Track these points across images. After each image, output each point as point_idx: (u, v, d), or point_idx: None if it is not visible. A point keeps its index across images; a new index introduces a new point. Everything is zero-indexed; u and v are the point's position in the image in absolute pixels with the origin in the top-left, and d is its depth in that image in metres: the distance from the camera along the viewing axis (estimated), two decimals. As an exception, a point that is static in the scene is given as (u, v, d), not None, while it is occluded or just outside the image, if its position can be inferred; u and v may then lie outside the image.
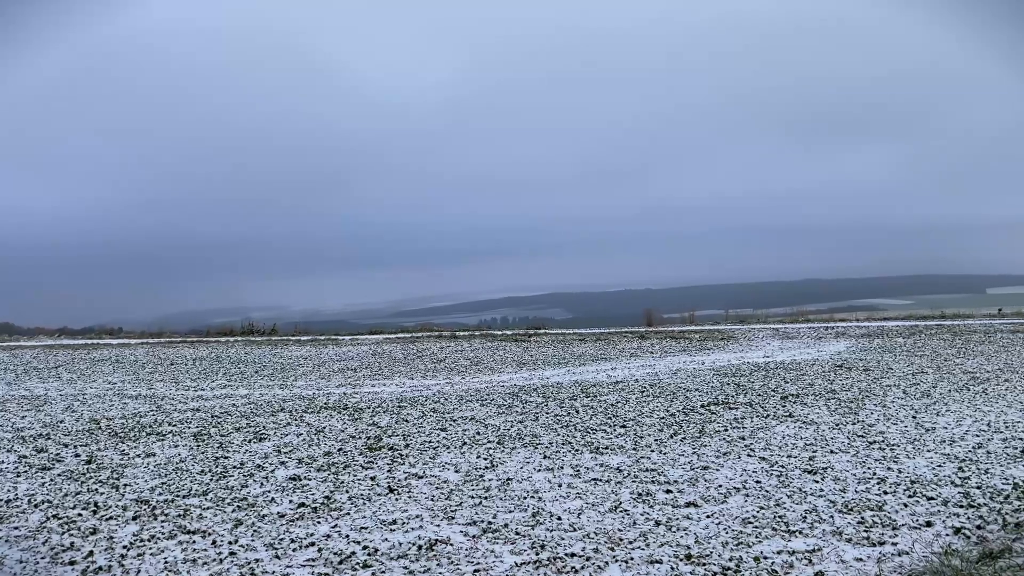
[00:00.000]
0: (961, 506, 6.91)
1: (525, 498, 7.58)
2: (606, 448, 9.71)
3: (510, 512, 7.13)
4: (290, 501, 7.68)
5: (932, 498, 7.16)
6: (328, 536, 6.58)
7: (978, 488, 7.43)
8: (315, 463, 9.31)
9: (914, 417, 11.11)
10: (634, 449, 9.62)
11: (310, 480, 8.49)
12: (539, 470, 8.68)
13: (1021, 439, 9.46)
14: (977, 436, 9.72)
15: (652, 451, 9.50)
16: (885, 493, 7.37)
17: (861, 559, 5.68)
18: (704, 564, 5.71)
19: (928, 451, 9.03)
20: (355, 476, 8.61)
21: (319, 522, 6.97)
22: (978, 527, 6.27)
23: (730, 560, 5.76)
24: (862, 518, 6.62)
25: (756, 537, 6.23)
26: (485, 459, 9.27)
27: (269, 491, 8.06)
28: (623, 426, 11.11)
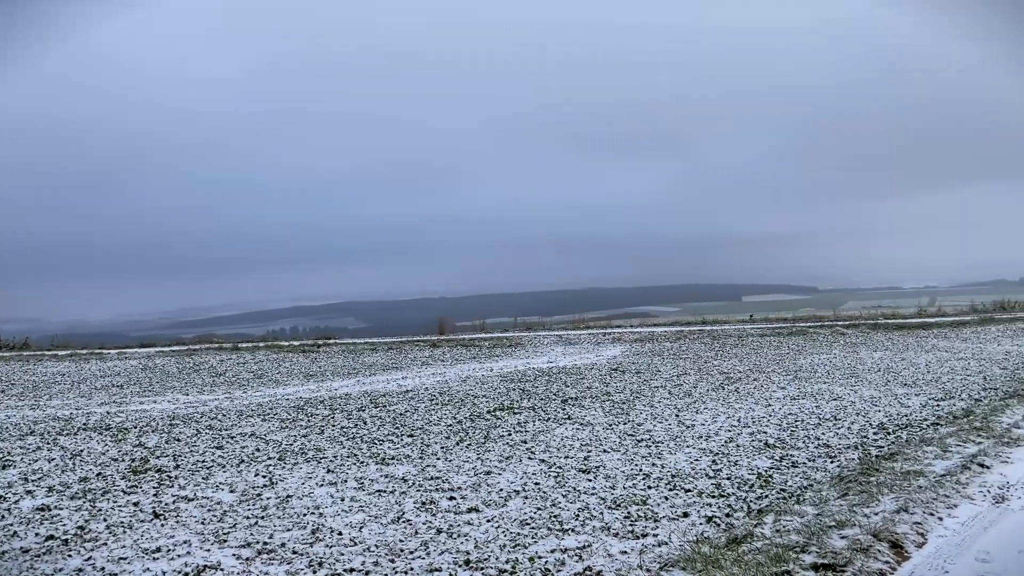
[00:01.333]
0: (713, 496, 7.57)
1: (305, 515, 7.32)
2: (392, 458, 9.64)
3: (288, 531, 6.85)
4: (36, 534, 6.88)
5: (689, 490, 7.80)
6: (80, 570, 5.96)
7: (728, 479, 8.19)
8: (69, 490, 8.41)
9: (677, 415, 12.06)
10: (420, 458, 9.63)
11: (61, 510, 7.66)
12: (322, 485, 8.44)
13: (765, 432, 10.55)
14: (729, 431, 10.72)
15: (438, 459, 9.56)
16: (649, 488, 7.93)
17: (626, 552, 6.06)
18: (482, 568, 5.82)
19: (688, 447, 9.83)
20: (116, 502, 7.89)
21: (70, 555, 6.30)
22: (727, 515, 6.90)
23: (507, 562, 5.92)
24: (628, 513, 7.07)
25: (532, 538, 6.45)
26: (264, 477, 8.85)
27: (11, 524, 7.17)
28: (411, 435, 11.09)
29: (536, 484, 8.18)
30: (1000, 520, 6.06)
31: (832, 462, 8.74)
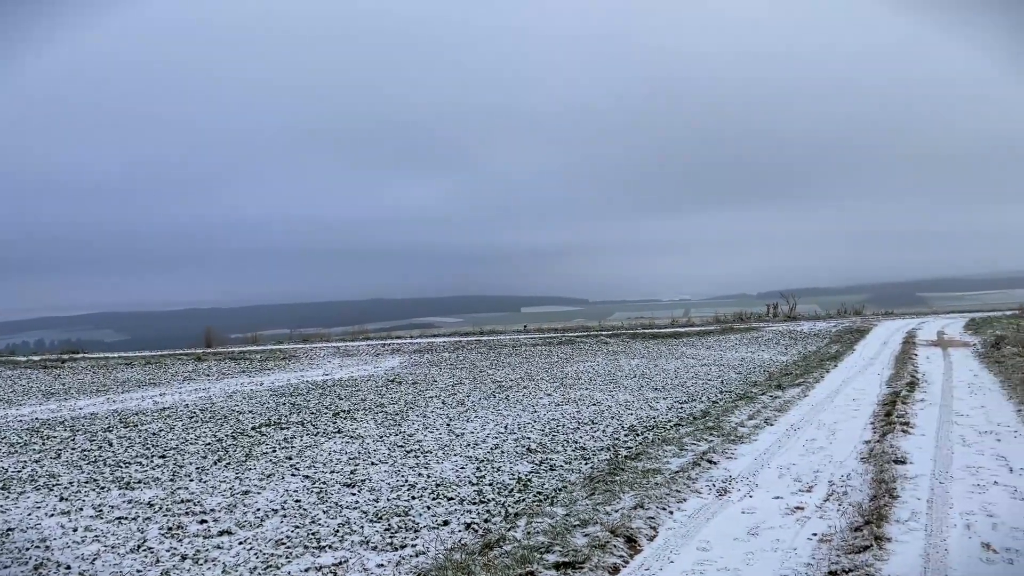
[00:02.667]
0: (474, 503, 7.77)
1: (28, 549, 6.57)
2: (139, 482, 8.92)
3: (6, 568, 6.11)
4: None
5: (452, 498, 7.94)
6: None
7: (490, 485, 8.44)
8: None
9: (448, 424, 12.25)
10: (171, 480, 9.00)
11: None
12: (52, 515, 7.62)
13: (529, 438, 10.99)
14: (496, 438, 11.06)
15: (192, 480, 8.98)
16: (413, 498, 7.97)
17: (383, 564, 6.04)
18: (230, 594, 5.54)
19: (455, 455, 10.01)
20: None
21: None
22: (485, 520, 7.10)
23: (257, 585, 5.68)
24: (389, 525, 7.06)
25: (286, 558, 6.24)
26: (-20, 510, 7.83)
27: None
28: (163, 456, 10.33)
29: (297, 501, 7.93)
30: (721, 511, 6.76)
31: (586, 464, 9.28)
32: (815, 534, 5.99)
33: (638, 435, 10.97)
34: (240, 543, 6.65)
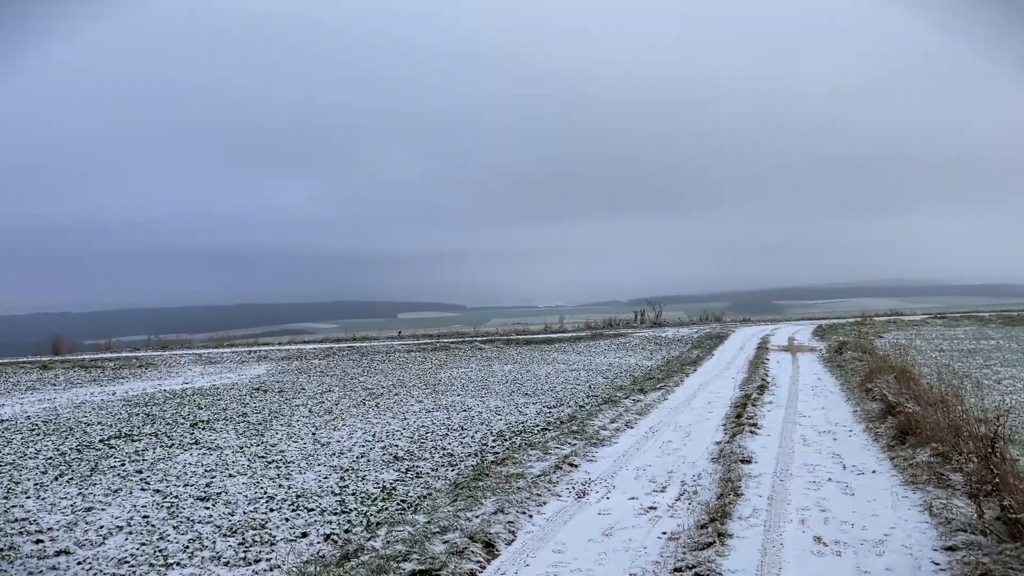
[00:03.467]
0: (336, 513, 7.62)
1: None
2: (-35, 502, 8.21)
3: None
4: None
5: (312, 509, 7.76)
6: None
7: (353, 495, 8.31)
8: None
9: (314, 433, 11.97)
10: (4, 499, 8.34)
11: None
12: None
13: (397, 446, 10.90)
14: (363, 446, 10.90)
15: (28, 498, 8.36)
16: (271, 511, 7.73)
17: (235, 580, 5.83)
18: (63, 619, 5.19)
19: (319, 465, 9.78)
20: None
21: None
22: (346, 531, 6.98)
23: (95, 608, 5.35)
24: (244, 539, 6.82)
25: (130, 577, 5.92)
26: None
27: None
28: (-4, 473, 9.56)
29: (145, 517, 7.53)
30: (579, 513, 6.94)
31: (453, 470, 9.30)
32: (665, 533, 6.25)
33: (506, 440, 11.09)
34: (79, 563, 6.25)
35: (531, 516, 6.81)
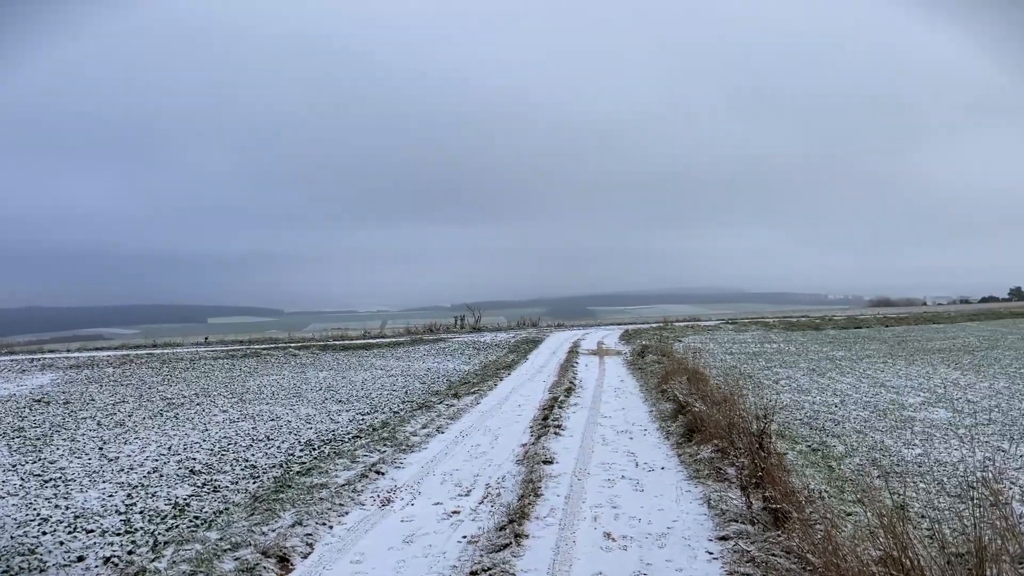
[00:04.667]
0: (119, 533, 7.08)
1: None
2: None
3: None
4: None
5: (92, 530, 7.16)
6: None
7: (141, 513, 7.75)
8: None
9: (101, 448, 11.07)
10: None
11: None
12: None
13: (194, 459, 10.30)
14: (156, 460, 10.21)
15: None
16: (44, 534, 7.06)
17: (-9, 615, 5.26)
18: None
19: (104, 482, 9.06)
20: None
21: None
22: (129, 552, 6.50)
23: None
24: (9, 566, 6.17)
25: None
26: None
27: None
28: None
29: None
30: (381, 521, 6.88)
31: (255, 483, 8.92)
32: (465, 536, 6.34)
33: (314, 449, 10.79)
34: None
35: (331, 527, 6.66)
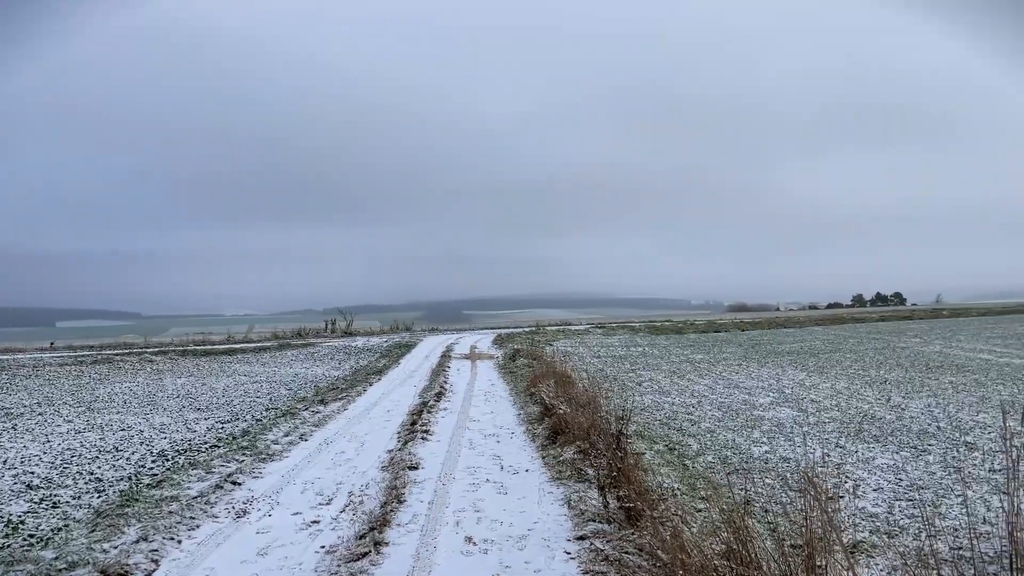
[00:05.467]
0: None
1: None
2: None
3: None
4: None
5: (-95, 556, 6.50)
6: None
7: (-36, 534, 7.11)
8: None
9: (-78, 465, 10.08)
10: None
11: None
12: None
13: (32, 473, 9.55)
14: (-14, 476, 9.40)
15: None
16: None
17: None
18: None
19: (-77, 502, 8.25)
20: None
21: None
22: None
23: None
24: None
25: None
26: None
27: None
28: None
29: None
30: (235, 534, 6.61)
31: (99, 497, 8.37)
32: (323, 546, 6.18)
33: (168, 460, 10.25)
34: None
35: (180, 542, 6.34)
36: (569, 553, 5.85)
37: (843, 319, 49.51)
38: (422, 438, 10.48)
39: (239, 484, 8.31)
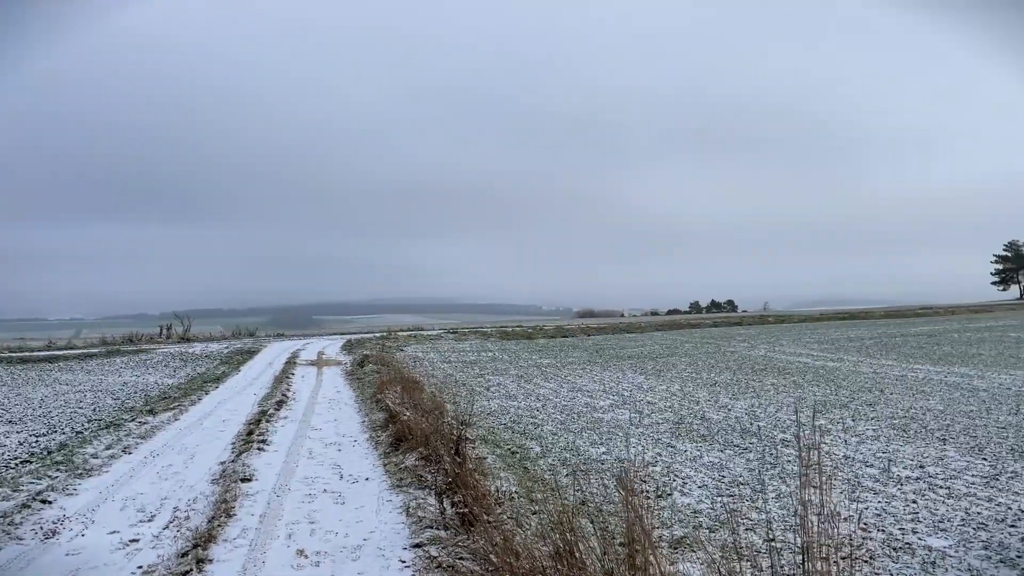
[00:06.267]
0: None
1: None
2: None
3: None
4: None
5: None
6: None
7: None
8: None
9: None
10: None
11: None
12: None
13: None
14: None
15: None
16: None
17: None
18: None
19: None
20: None
21: None
22: None
23: None
24: None
25: None
26: None
27: None
28: None
29: None
30: (40, 558, 6.07)
31: None
32: (141, 567, 5.79)
33: (-34, 479, 9.29)
34: None
35: (-26, 569, 5.75)
36: (404, 562, 5.79)
37: (680, 325, 52.17)
38: (258, 448, 10.07)
39: (50, 502, 7.64)
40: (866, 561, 5.64)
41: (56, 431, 12.82)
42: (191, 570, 5.47)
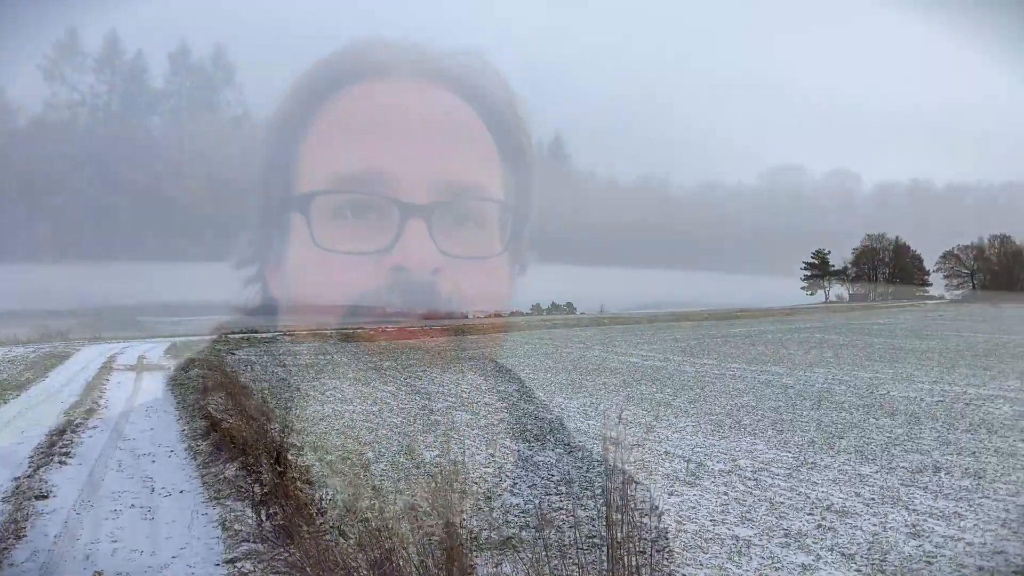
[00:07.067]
0: None
1: None
2: None
3: None
4: None
5: None
6: None
7: None
8: None
9: None
10: None
11: None
12: None
13: None
14: None
15: None
16: None
17: None
18: None
19: None
20: None
21: None
22: None
23: None
24: None
25: None
26: None
27: None
28: None
29: None
30: None
31: None
32: (-98, 603, 5.12)
33: None
34: None
35: None
36: (217, 579, 5.46)
37: (521, 327, 53.22)
38: (60, 462, 9.21)
39: None
40: (678, 553, 5.91)
41: None
42: (-37, 604, 4.88)
